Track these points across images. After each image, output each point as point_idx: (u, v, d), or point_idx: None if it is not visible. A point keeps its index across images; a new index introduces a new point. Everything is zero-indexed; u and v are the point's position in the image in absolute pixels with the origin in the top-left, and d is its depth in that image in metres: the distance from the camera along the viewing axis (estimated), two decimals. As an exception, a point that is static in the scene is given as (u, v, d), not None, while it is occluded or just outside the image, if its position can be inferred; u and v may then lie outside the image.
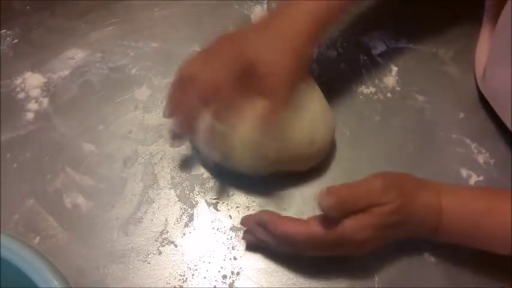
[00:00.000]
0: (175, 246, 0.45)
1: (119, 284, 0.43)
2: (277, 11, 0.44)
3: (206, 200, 0.47)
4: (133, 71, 0.54)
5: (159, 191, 0.47)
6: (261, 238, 0.42)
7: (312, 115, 0.45)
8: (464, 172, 0.48)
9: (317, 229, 0.38)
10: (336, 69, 0.54)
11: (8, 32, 0.56)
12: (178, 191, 0.47)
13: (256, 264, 0.44)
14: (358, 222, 0.38)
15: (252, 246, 0.44)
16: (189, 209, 0.46)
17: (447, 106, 0.52)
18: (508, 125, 0.48)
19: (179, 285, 0.43)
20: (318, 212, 0.39)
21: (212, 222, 0.46)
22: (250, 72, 0.41)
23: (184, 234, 0.45)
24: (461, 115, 0.52)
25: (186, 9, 0.59)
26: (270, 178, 0.46)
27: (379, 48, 0.56)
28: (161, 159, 0.49)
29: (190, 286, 0.43)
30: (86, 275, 0.43)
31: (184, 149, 0.49)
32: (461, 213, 0.40)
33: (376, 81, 0.54)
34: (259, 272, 0.44)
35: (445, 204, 0.39)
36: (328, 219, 0.38)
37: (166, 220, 0.46)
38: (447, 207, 0.39)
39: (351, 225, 0.38)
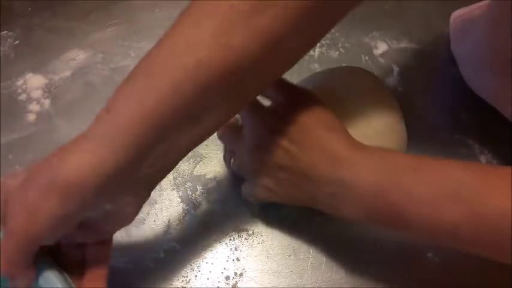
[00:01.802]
0: (179, 247, 0.45)
1: (122, 285, 0.43)
2: None
3: (209, 201, 0.47)
4: (135, 71, 0.54)
5: (162, 191, 0.47)
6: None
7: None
8: (466, 172, 0.49)
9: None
10: (338, 69, 0.54)
11: (9, 33, 0.56)
12: (180, 192, 0.47)
13: (260, 265, 0.44)
14: (266, 107, 0.40)
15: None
16: (192, 210, 0.46)
17: (449, 106, 0.52)
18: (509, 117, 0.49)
19: (182, 287, 0.43)
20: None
21: (215, 223, 0.46)
22: None
23: (187, 236, 0.45)
24: (464, 115, 0.52)
25: (187, 9, 0.59)
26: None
27: (380, 48, 0.56)
28: (163, 160, 0.49)
29: (193, 287, 0.43)
30: (88, 277, 0.43)
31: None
32: (379, 164, 0.34)
33: (378, 81, 0.54)
34: (262, 273, 0.44)
35: (359, 155, 0.35)
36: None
37: (169, 221, 0.46)
38: (361, 158, 0.34)
39: (262, 106, 0.40)
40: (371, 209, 0.34)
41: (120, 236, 0.45)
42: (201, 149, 0.49)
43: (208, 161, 0.49)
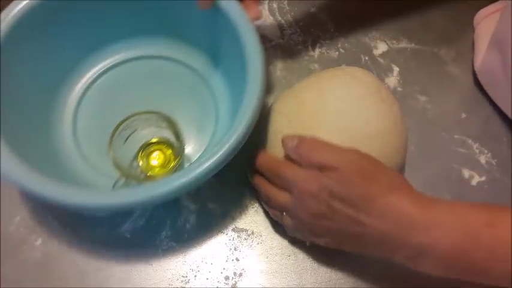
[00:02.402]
0: (178, 247, 0.45)
1: (121, 285, 0.43)
2: None
3: (209, 201, 0.47)
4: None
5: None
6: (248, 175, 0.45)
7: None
8: (466, 173, 0.49)
9: (277, 165, 0.40)
10: (338, 69, 0.54)
11: (9, 33, 0.56)
12: (180, 192, 0.47)
13: (259, 265, 0.44)
14: (307, 171, 0.38)
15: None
16: (192, 210, 0.46)
17: (449, 106, 0.52)
18: (508, 113, 0.49)
19: (181, 287, 0.43)
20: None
21: (215, 223, 0.46)
22: None
23: (186, 236, 0.45)
24: (463, 115, 0.52)
25: (187, 9, 0.59)
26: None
27: (380, 48, 0.56)
28: (163, 160, 0.49)
29: (192, 287, 0.43)
30: (89, 277, 0.43)
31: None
32: (455, 225, 0.34)
33: (378, 81, 0.54)
34: (262, 273, 0.44)
35: (432, 216, 0.34)
36: (291, 163, 0.40)
37: (168, 221, 0.46)
38: (435, 219, 0.34)
39: (300, 170, 0.38)
40: (452, 269, 0.34)
41: (120, 236, 0.45)
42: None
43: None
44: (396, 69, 0.55)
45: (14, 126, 0.41)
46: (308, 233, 0.40)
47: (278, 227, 0.45)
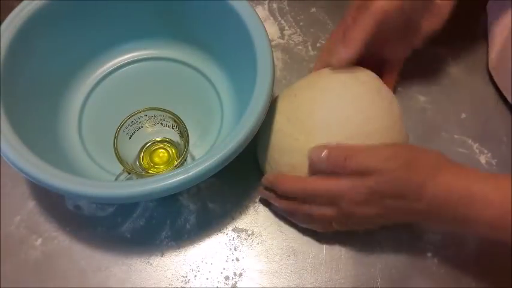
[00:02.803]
0: (178, 247, 0.45)
1: (121, 285, 0.43)
2: None
3: (209, 201, 0.47)
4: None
5: (161, 192, 0.47)
6: (273, 201, 0.44)
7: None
8: (466, 172, 0.48)
9: (313, 183, 0.40)
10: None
11: (9, 33, 0.56)
12: (181, 192, 0.47)
13: (259, 265, 0.44)
14: (352, 180, 0.37)
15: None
16: (192, 210, 0.46)
17: (449, 106, 0.52)
18: None
19: (181, 287, 0.43)
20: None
21: (215, 223, 0.46)
22: None
23: (186, 236, 0.45)
24: (463, 115, 0.52)
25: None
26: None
27: (380, 48, 0.56)
28: (163, 160, 0.49)
29: (192, 287, 0.43)
30: (88, 276, 0.43)
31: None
32: (500, 196, 0.35)
33: (378, 81, 0.54)
34: (262, 273, 0.44)
35: (478, 189, 0.36)
36: (325, 177, 0.39)
37: (168, 221, 0.46)
38: (480, 191, 0.35)
39: (345, 182, 0.38)
40: (498, 233, 0.36)
41: (119, 236, 0.45)
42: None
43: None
44: (396, 69, 0.55)
45: (23, 121, 0.41)
46: (360, 228, 0.43)
47: (278, 227, 0.45)
